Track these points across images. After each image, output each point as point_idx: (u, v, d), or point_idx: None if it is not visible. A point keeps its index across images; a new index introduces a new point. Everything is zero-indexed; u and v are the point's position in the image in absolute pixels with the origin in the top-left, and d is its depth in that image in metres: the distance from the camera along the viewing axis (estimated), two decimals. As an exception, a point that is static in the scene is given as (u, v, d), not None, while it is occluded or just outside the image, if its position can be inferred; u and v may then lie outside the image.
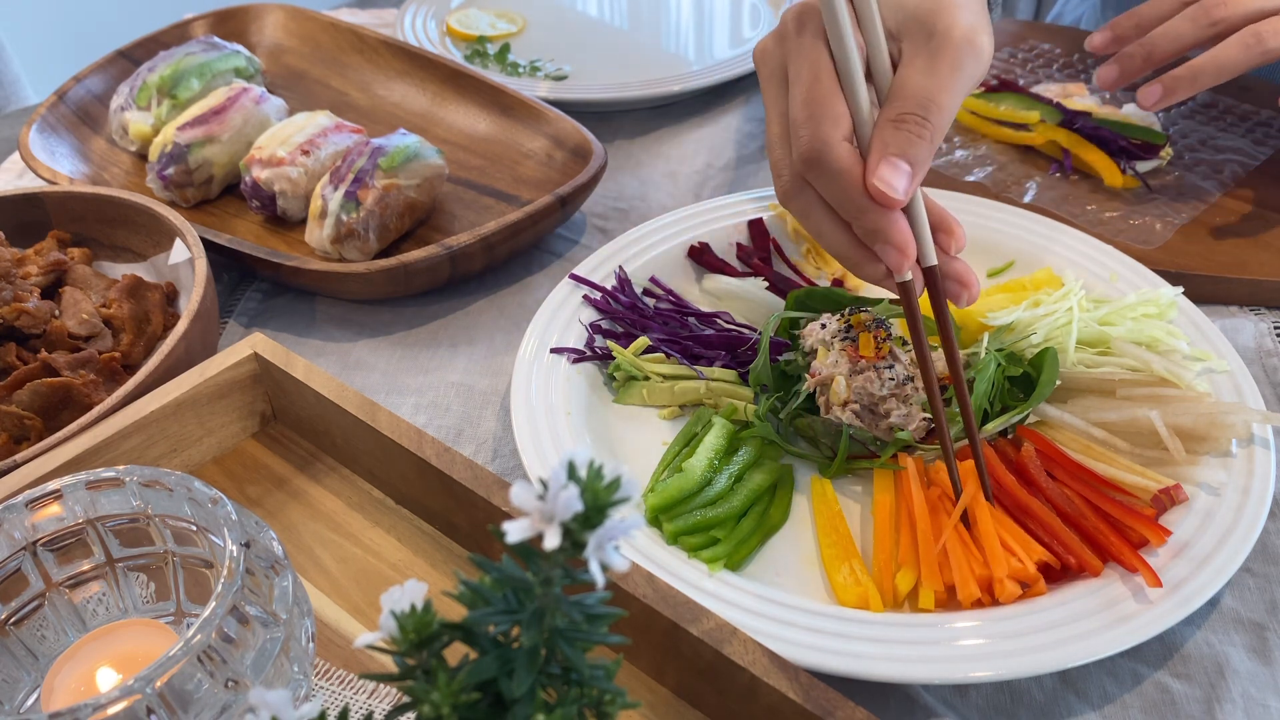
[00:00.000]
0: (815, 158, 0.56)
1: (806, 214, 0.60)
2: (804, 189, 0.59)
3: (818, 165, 0.56)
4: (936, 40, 0.56)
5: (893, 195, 0.54)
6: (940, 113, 0.55)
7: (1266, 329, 0.79)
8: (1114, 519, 0.60)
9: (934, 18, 0.56)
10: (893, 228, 0.55)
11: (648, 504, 0.63)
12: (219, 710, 0.45)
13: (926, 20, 0.57)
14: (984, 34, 0.58)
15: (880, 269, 0.59)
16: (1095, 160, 0.93)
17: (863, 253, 0.59)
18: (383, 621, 0.34)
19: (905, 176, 0.54)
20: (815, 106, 0.56)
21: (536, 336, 0.75)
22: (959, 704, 0.57)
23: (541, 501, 0.32)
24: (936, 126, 0.55)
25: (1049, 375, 0.67)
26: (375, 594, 0.60)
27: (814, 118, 0.56)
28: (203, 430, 0.67)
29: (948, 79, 0.55)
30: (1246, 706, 0.56)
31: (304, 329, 0.84)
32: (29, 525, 0.51)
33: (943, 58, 0.56)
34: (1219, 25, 0.79)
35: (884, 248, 0.56)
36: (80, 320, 0.74)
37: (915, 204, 0.57)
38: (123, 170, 1.00)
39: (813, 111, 0.56)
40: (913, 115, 0.55)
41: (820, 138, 0.55)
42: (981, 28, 0.57)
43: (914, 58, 0.56)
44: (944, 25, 0.56)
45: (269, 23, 1.18)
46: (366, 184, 0.85)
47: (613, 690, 0.36)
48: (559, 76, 1.15)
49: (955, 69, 0.56)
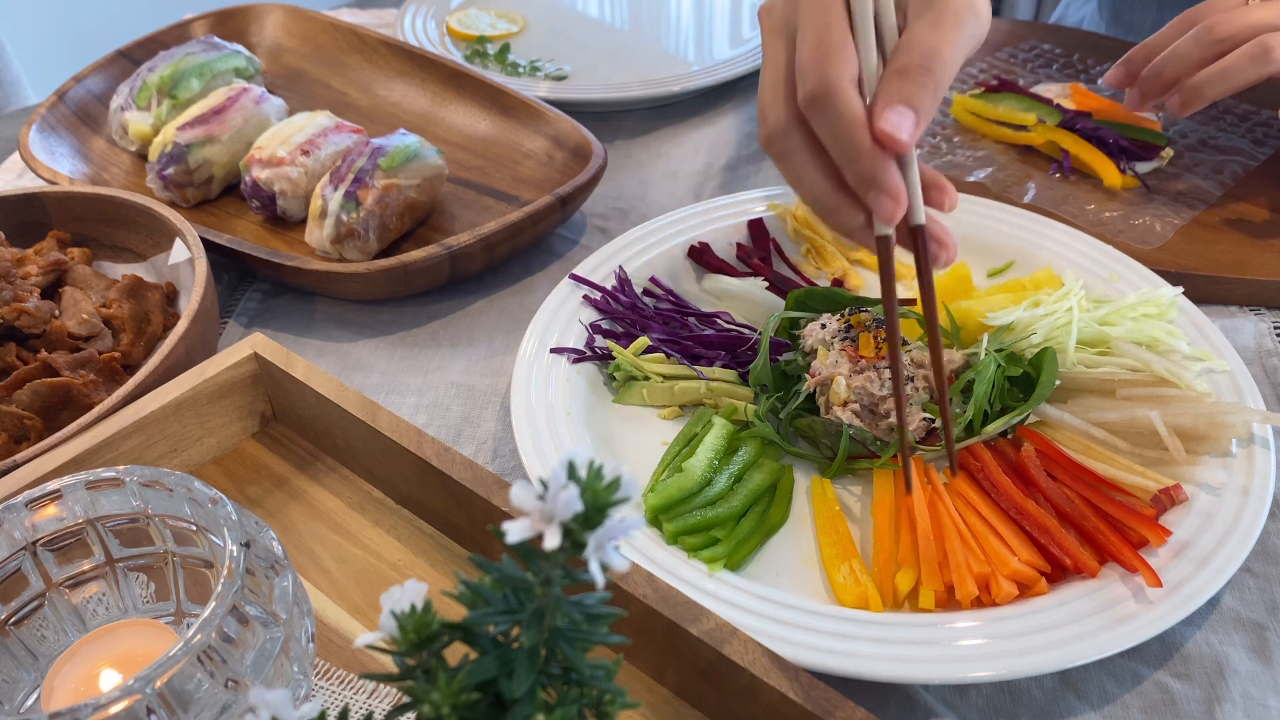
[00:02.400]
0: (822, 94, 0.56)
1: (789, 157, 0.60)
2: (793, 131, 0.59)
3: (823, 103, 0.56)
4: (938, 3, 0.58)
5: (899, 137, 0.55)
6: (943, 64, 0.57)
7: (1266, 329, 0.79)
8: (1114, 519, 0.60)
9: None
10: (888, 175, 0.56)
11: (648, 504, 0.63)
12: (219, 710, 0.45)
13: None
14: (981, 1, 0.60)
15: (859, 219, 0.59)
16: (1095, 161, 0.93)
17: (844, 199, 0.59)
18: (383, 621, 0.34)
19: (910, 121, 0.55)
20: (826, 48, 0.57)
21: (536, 336, 0.75)
22: (959, 704, 0.57)
23: (541, 501, 0.32)
24: (940, 77, 0.56)
25: (1049, 375, 0.67)
26: (375, 594, 0.60)
27: (824, 59, 0.57)
28: (203, 430, 0.67)
29: (950, 33, 0.57)
30: (1246, 706, 0.56)
31: (304, 329, 0.84)
32: (29, 525, 0.51)
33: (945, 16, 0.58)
34: (1223, 42, 0.82)
35: (877, 195, 0.56)
36: (80, 320, 0.74)
37: (909, 161, 0.58)
38: (123, 170, 1.00)
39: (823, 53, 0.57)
40: (917, 65, 0.56)
41: (829, 75, 0.56)
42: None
43: (917, 20, 0.58)
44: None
45: (269, 23, 1.18)
46: (366, 184, 0.85)
47: (613, 690, 0.36)
48: (559, 76, 1.15)
49: (957, 26, 0.58)
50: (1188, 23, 0.86)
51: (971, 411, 0.65)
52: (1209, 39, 0.83)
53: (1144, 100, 0.88)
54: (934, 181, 0.60)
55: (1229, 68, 0.81)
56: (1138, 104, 0.89)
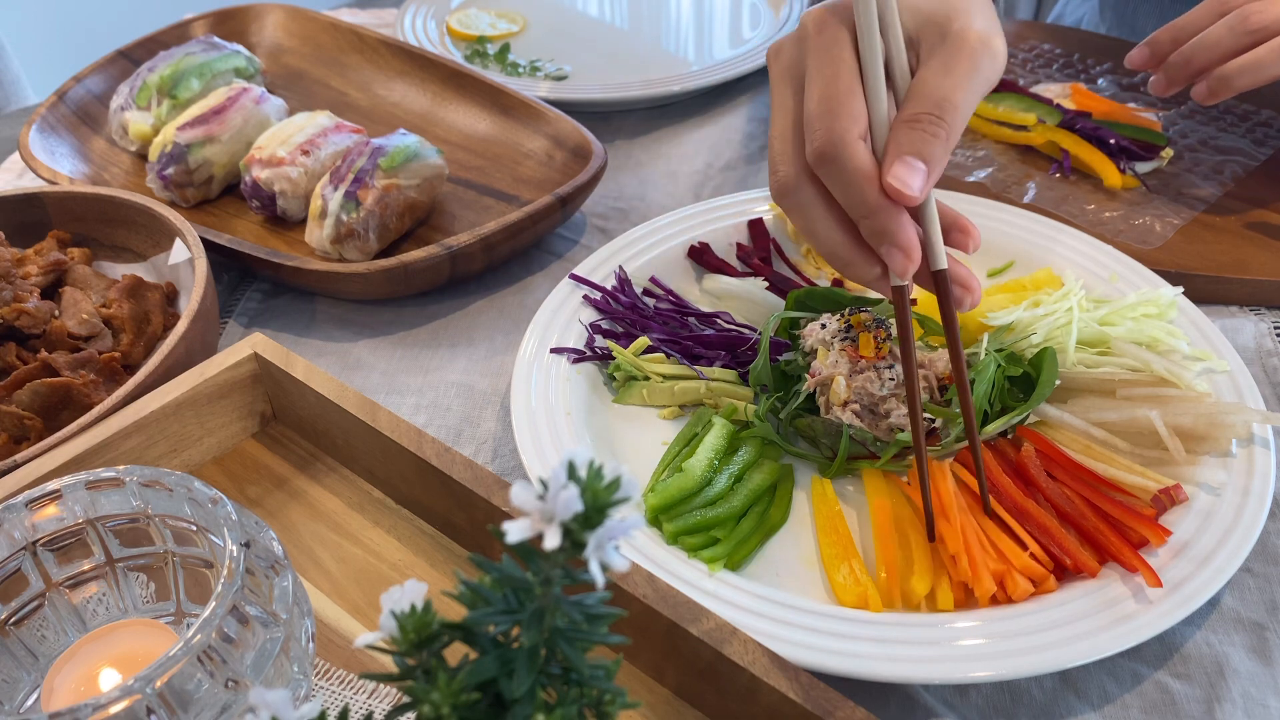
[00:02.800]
0: (831, 152, 0.55)
1: (803, 210, 0.59)
2: (804, 185, 0.58)
3: (832, 161, 0.55)
4: (951, 42, 0.56)
5: (908, 193, 0.54)
6: (955, 112, 0.55)
7: (1266, 329, 0.79)
8: (1114, 519, 0.60)
9: (949, 22, 0.57)
10: (901, 230, 0.55)
11: (648, 504, 0.63)
12: (219, 710, 0.45)
13: (942, 24, 0.57)
14: (998, 37, 0.58)
15: (875, 271, 0.58)
16: (1095, 161, 0.93)
17: (860, 253, 0.58)
18: (383, 621, 0.34)
19: (921, 175, 0.54)
20: (833, 103, 0.56)
21: (536, 336, 0.75)
22: (959, 704, 0.57)
23: (541, 501, 0.32)
24: (952, 126, 0.55)
25: (1049, 375, 0.67)
26: (375, 594, 0.60)
27: (831, 113, 0.55)
28: (203, 430, 0.67)
29: (963, 79, 0.56)
30: (1246, 706, 0.56)
31: (304, 329, 0.84)
32: (29, 525, 0.51)
33: (959, 59, 0.56)
34: (1257, 33, 0.80)
35: (890, 250, 0.56)
36: (80, 320, 0.74)
37: (928, 207, 0.57)
38: (123, 170, 1.00)
39: (830, 107, 0.56)
40: (928, 115, 0.55)
41: (837, 132, 0.55)
42: (995, 31, 0.58)
43: (930, 60, 0.57)
44: (959, 28, 0.56)
45: (269, 23, 1.18)
46: (366, 184, 0.85)
47: (613, 690, 0.36)
48: (559, 76, 1.15)
49: (971, 70, 0.56)
50: (1220, 7, 0.83)
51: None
52: (1242, 28, 0.80)
53: (1169, 86, 0.85)
54: (955, 222, 0.59)
55: (1263, 60, 0.79)
56: (1163, 89, 0.86)
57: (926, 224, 0.57)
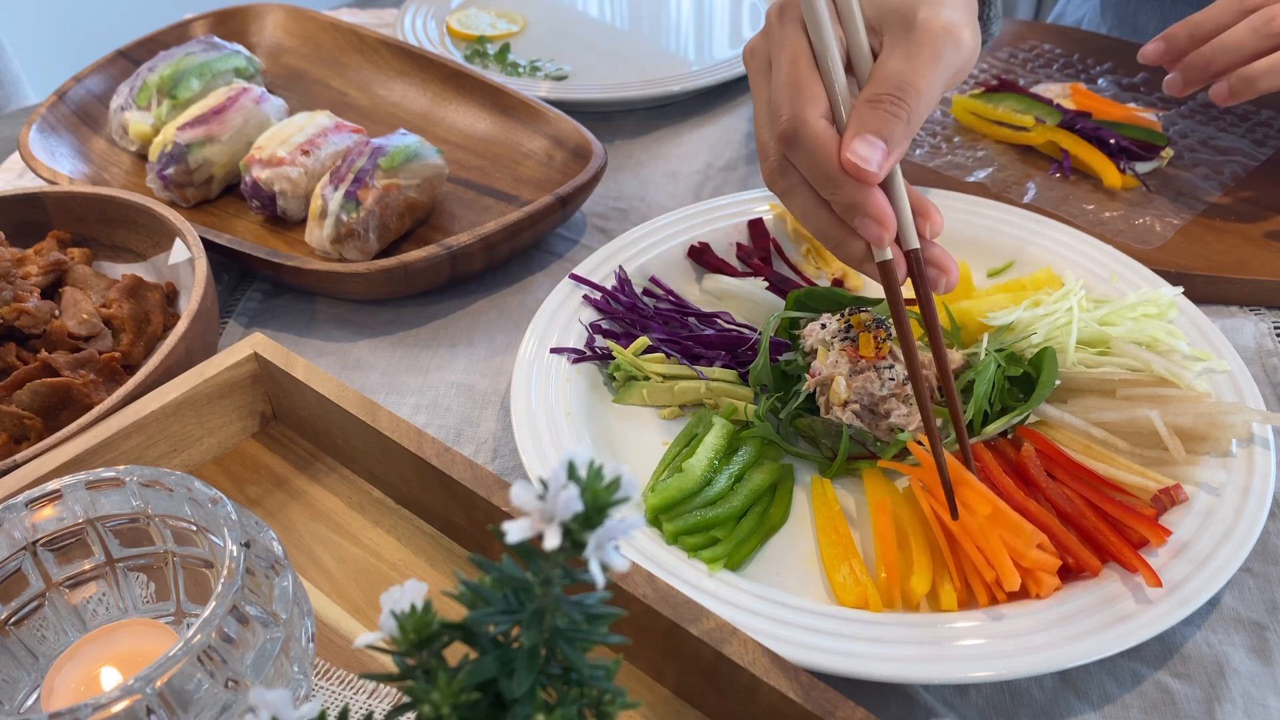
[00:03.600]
0: (792, 134, 0.58)
1: (790, 194, 0.61)
2: (788, 170, 0.61)
3: (795, 141, 0.58)
4: (915, 31, 0.58)
5: (866, 169, 0.55)
6: (917, 96, 0.57)
7: (1266, 329, 0.79)
8: (1114, 519, 0.60)
9: (914, 11, 0.58)
10: (869, 200, 0.56)
11: (648, 504, 0.63)
12: (219, 710, 0.45)
13: (906, 14, 0.59)
14: (966, 28, 0.59)
15: (861, 247, 0.59)
16: (1095, 161, 0.93)
17: (843, 230, 0.59)
18: (383, 621, 0.34)
19: (880, 151, 0.55)
20: (792, 88, 0.58)
21: (536, 336, 0.75)
22: (959, 704, 0.57)
23: (541, 501, 0.32)
24: (913, 108, 0.56)
25: (1049, 375, 0.67)
26: (375, 594, 0.60)
27: (791, 99, 0.58)
28: (203, 430, 0.67)
29: (926, 65, 0.57)
30: (1246, 706, 0.56)
31: (304, 329, 0.84)
32: (29, 525, 0.51)
33: (922, 47, 0.57)
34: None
35: (862, 221, 0.57)
36: (80, 320, 0.74)
37: (896, 186, 0.58)
38: (123, 170, 1.00)
39: (790, 93, 0.58)
40: (889, 95, 0.56)
41: (797, 115, 0.57)
42: (963, 22, 0.59)
43: (893, 47, 0.58)
44: (924, 17, 0.58)
45: (269, 23, 1.18)
46: (366, 184, 0.85)
47: (613, 690, 0.36)
48: (559, 76, 1.15)
49: (934, 57, 0.57)
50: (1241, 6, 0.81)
51: (971, 411, 0.65)
52: (1266, 30, 0.78)
53: (1186, 86, 0.84)
54: (918, 207, 0.61)
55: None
56: (1179, 89, 0.84)
57: (896, 203, 0.58)
